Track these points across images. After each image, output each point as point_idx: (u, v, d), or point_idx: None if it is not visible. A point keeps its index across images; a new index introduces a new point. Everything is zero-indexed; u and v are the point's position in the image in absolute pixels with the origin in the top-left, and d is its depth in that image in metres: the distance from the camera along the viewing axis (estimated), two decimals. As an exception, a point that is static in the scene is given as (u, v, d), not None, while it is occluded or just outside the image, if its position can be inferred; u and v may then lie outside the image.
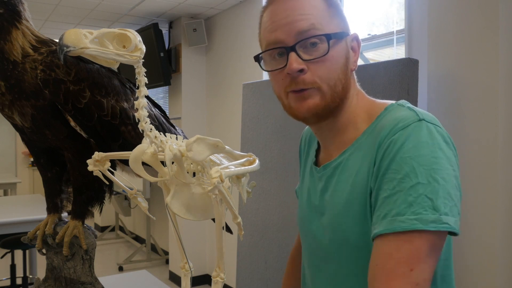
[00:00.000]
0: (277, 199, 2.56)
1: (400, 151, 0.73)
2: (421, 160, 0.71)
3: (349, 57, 0.86)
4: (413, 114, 0.77)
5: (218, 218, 0.86)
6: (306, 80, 0.82)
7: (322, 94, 0.83)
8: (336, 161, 0.88)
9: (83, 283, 1.18)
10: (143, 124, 0.83)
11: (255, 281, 2.67)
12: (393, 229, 0.70)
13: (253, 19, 3.64)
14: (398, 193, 0.72)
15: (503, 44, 1.81)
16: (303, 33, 0.81)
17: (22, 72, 1.05)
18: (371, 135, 0.83)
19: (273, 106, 2.63)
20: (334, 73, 0.82)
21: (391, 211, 0.72)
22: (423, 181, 0.70)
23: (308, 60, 0.81)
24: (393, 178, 0.73)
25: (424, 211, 0.69)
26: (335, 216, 0.85)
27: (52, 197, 1.23)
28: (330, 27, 0.82)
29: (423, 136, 0.73)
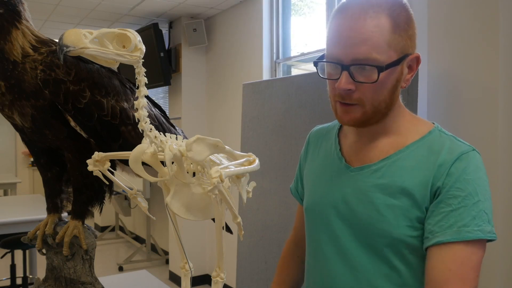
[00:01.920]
0: (277, 199, 2.56)
1: (463, 173, 0.86)
2: (479, 182, 0.86)
3: (401, 78, 0.91)
4: (464, 144, 0.91)
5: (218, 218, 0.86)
6: (352, 97, 0.89)
7: (365, 111, 0.90)
8: (377, 164, 0.94)
9: (83, 283, 1.18)
10: (143, 124, 0.83)
11: (255, 281, 2.67)
12: (461, 238, 0.83)
13: (253, 19, 3.64)
14: (462, 208, 0.84)
15: (503, 44, 1.81)
16: (359, 58, 0.85)
17: (22, 72, 1.05)
18: (419, 150, 0.91)
19: (273, 106, 2.63)
20: (380, 96, 0.89)
21: (457, 222, 0.84)
22: (482, 199, 0.85)
23: (358, 82, 0.87)
24: (458, 195, 0.85)
25: (484, 224, 0.84)
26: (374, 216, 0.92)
27: (52, 197, 1.23)
28: (388, 54, 0.86)
29: (478, 163, 0.88)
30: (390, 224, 0.89)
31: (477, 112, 2.01)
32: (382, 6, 0.86)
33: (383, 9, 0.86)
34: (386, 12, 0.86)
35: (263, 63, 3.54)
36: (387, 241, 0.90)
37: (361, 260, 0.94)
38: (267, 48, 3.55)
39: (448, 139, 0.91)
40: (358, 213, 0.94)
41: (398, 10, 0.87)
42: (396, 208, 0.89)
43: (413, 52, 0.91)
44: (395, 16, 0.86)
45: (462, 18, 2.07)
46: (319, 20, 3.25)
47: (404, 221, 0.88)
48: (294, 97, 2.50)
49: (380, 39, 0.85)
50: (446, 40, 2.13)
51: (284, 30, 3.52)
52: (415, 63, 0.92)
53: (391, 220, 0.89)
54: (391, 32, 0.85)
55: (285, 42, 3.53)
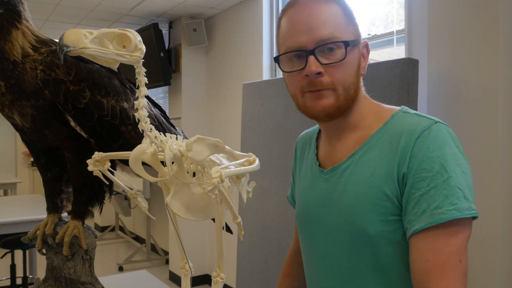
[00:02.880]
0: (277, 199, 2.56)
1: (427, 151, 0.81)
2: (446, 156, 0.80)
3: (360, 64, 0.92)
4: (426, 119, 0.85)
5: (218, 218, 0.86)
6: (323, 82, 0.88)
7: (337, 96, 0.89)
8: (345, 163, 0.93)
9: (83, 283, 1.18)
10: (143, 124, 0.83)
11: (255, 281, 2.67)
12: (436, 221, 0.77)
13: (253, 19, 3.64)
14: (433, 189, 0.79)
15: (503, 44, 1.81)
16: (323, 39, 0.86)
17: (22, 72, 1.05)
18: (382, 138, 0.89)
19: (273, 106, 2.63)
20: (349, 77, 0.89)
21: (430, 205, 0.78)
22: (452, 174, 0.79)
23: (326, 64, 0.87)
24: (425, 177, 0.80)
25: (459, 201, 0.78)
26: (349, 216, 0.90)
27: (52, 197, 1.23)
28: (347, 35, 0.88)
29: (442, 136, 0.82)
30: (365, 222, 0.86)
31: (477, 112, 2.01)
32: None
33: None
34: (336, 1, 0.90)
35: (263, 63, 3.54)
36: (365, 240, 0.87)
37: (344, 263, 0.91)
38: (267, 48, 3.55)
39: (411, 118, 0.88)
40: (335, 215, 0.92)
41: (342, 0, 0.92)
42: (368, 204, 0.86)
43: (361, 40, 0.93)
44: (342, 5, 0.91)
45: (462, 18, 2.07)
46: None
47: (377, 216, 0.85)
48: (294, 97, 2.49)
49: (337, 21, 0.88)
50: (446, 40, 2.13)
51: (284, 30, 3.52)
52: (366, 51, 0.94)
53: (365, 218, 0.86)
54: (343, 17, 0.89)
55: (285, 42, 3.52)
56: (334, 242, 0.93)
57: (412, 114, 0.89)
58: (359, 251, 0.89)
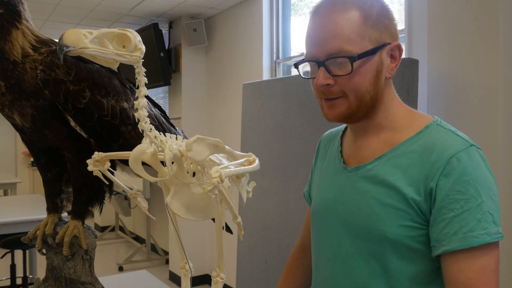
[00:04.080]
0: (277, 199, 2.56)
1: (463, 174, 0.82)
2: (480, 181, 0.82)
3: (382, 69, 0.90)
4: (462, 140, 0.86)
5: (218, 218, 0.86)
6: (333, 91, 0.90)
7: (349, 103, 0.90)
8: (371, 164, 0.93)
9: (83, 283, 1.18)
10: (143, 124, 0.83)
11: (255, 281, 2.67)
12: (469, 244, 0.81)
13: (253, 19, 3.64)
14: (466, 211, 0.81)
15: (503, 44, 1.81)
16: (332, 53, 0.87)
17: (22, 72, 1.05)
18: (413, 147, 0.89)
19: (273, 106, 2.63)
20: (361, 86, 0.89)
21: (462, 228, 0.81)
22: (485, 199, 0.82)
23: (336, 75, 0.88)
24: (459, 199, 0.82)
25: (489, 226, 0.81)
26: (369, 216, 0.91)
27: (52, 197, 1.23)
28: (361, 45, 0.87)
29: (478, 160, 0.84)
30: (385, 224, 0.87)
31: (477, 112, 2.01)
32: (352, 1, 0.89)
33: (352, 3, 0.89)
34: (356, 6, 0.88)
35: (263, 63, 3.54)
36: (383, 242, 0.88)
37: (358, 263, 0.92)
38: (267, 48, 3.55)
39: (445, 134, 0.89)
40: (354, 214, 0.93)
41: (369, 3, 0.90)
42: (390, 208, 0.87)
43: (393, 41, 0.91)
44: (366, 8, 0.88)
45: (462, 18, 2.07)
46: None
47: (398, 221, 0.87)
48: (294, 97, 2.50)
49: (351, 31, 0.87)
50: (446, 40, 2.13)
51: (284, 30, 3.53)
52: (396, 51, 0.92)
53: (385, 220, 0.88)
54: (362, 23, 0.87)
55: (285, 42, 3.53)
56: (348, 238, 0.94)
57: (446, 130, 0.90)
58: (373, 251, 0.90)
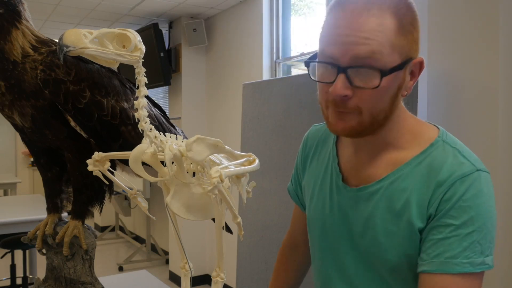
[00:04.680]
0: (277, 199, 2.56)
1: (460, 199, 0.77)
2: (478, 209, 0.77)
3: (402, 85, 0.81)
4: (469, 164, 0.80)
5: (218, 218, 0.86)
6: (348, 105, 0.79)
7: (361, 120, 0.80)
8: (374, 186, 0.86)
9: (83, 283, 1.18)
10: (143, 124, 0.83)
11: (255, 281, 2.67)
12: (447, 270, 0.77)
13: (253, 19, 3.64)
14: (454, 237, 0.77)
15: (503, 44, 1.81)
16: (359, 59, 0.75)
17: (22, 72, 1.05)
18: (418, 168, 0.82)
19: (273, 106, 2.63)
20: (381, 103, 0.80)
21: (445, 253, 0.77)
22: (478, 228, 0.77)
23: (357, 87, 0.77)
24: (450, 224, 0.78)
25: (475, 255, 0.77)
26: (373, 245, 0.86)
27: (52, 197, 1.23)
28: (392, 57, 0.76)
29: (481, 187, 0.78)
30: (389, 253, 0.84)
31: (477, 112, 2.01)
32: (388, 4, 0.77)
33: (388, 6, 0.76)
34: (392, 11, 0.76)
35: (263, 63, 3.54)
36: (388, 267, 0.85)
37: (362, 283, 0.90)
38: (267, 48, 3.55)
39: (452, 154, 0.81)
40: (358, 237, 0.89)
41: (404, 10, 0.78)
42: (395, 236, 0.83)
43: (417, 57, 0.82)
44: (400, 16, 0.77)
45: (462, 18, 2.07)
46: (319, 20, 3.25)
47: (403, 250, 0.83)
48: (294, 97, 2.50)
49: (384, 40, 0.75)
50: (446, 40, 2.13)
51: (284, 30, 3.53)
52: (418, 68, 0.82)
53: (390, 249, 0.83)
54: (396, 33, 0.76)
55: (285, 42, 3.53)
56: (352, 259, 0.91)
57: (452, 149, 0.82)
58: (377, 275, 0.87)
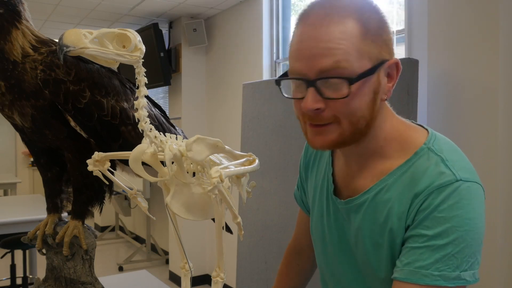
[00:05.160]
0: (277, 199, 2.56)
1: (436, 210, 0.74)
2: (455, 221, 0.73)
3: (379, 90, 0.78)
4: (450, 173, 0.75)
5: (218, 218, 0.86)
6: (324, 117, 0.77)
7: (341, 130, 0.78)
8: (360, 198, 0.85)
9: (83, 283, 1.18)
10: (143, 124, 0.83)
11: (255, 281, 2.67)
12: (415, 280, 0.74)
13: (253, 19, 3.64)
14: (425, 248, 0.74)
15: (503, 44, 1.81)
16: (325, 71, 0.73)
17: (22, 72, 1.05)
18: (401, 179, 0.80)
19: (273, 106, 2.63)
20: (357, 110, 0.77)
21: (416, 262, 0.75)
22: (453, 241, 0.73)
23: (328, 98, 0.75)
24: (424, 235, 0.75)
25: (448, 269, 0.73)
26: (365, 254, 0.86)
27: (52, 197, 1.23)
28: (360, 63, 0.74)
29: (460, 198, 0.74)
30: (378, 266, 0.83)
31: (477, 112, 2.01)
32: (349, 10, 0.75)
33: (349, 12, 0.74)
34: (354, 16, 0.74)
35: (263, 63, 3.54)
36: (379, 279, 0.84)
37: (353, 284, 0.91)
38: (267, 48, 3.55)
39: (434, 163, 0.78)
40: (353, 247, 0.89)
41: (368, 14, 0.76)
42: (383, 249, 0.82)
43: (391, 58, 0.79)
44: (364, 20, 0.74)
45: (462, 18, 2.07)
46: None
47: (390, 261, 0.81)
48: (294, 97, 2.49)
49: (349, 47, 0.73)
50: (446, 40, 2.13)
51: (284, 30, 3.53)
52: (394, 70, 0.80)
53: (378, 262, 0.83)
54: (362, 38, 0.74)
55: (285, 42, 3.53)
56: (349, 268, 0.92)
57: (437, 157, 0.78)
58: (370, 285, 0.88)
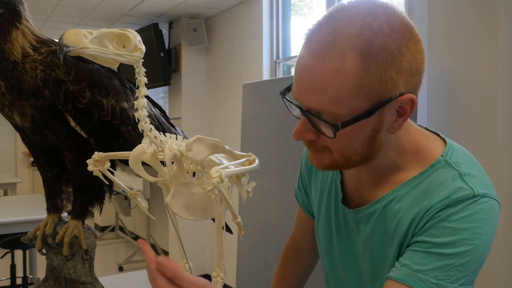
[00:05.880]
0: (277, 199, 2.56)
1: (446, 220, 0.71)
2: (466, 234, 0.70)
3: (381, 128, 0.71)
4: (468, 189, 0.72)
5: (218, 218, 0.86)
6: (317, 145, 0.75)
7: (334, 159, 0.75)
8: (370, 208, 0.83)
9: (83, 283, 1.18)
10: (143, 124, 0.83)
11: (255, 281, 2.67)
12: (410, 283, 0.71)
13: (253, 19, 3.64)
14: (429, 253, 0.71)
15: (503, 44, 1.81)
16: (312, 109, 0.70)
17: (22, 72, 1.05)
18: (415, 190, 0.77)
19: (273, 106, 2.63)
20: (349, 148, 0.73)
21: (415, 265, 0.72)
22: (459, 253, 0.70)
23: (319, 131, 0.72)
24: (428, 242, 0.72)
25: (446, 279, 0.70)
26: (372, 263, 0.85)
27: (52, 197, 1.23)
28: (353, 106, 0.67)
29: (475, 211, 0.71)
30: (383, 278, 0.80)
31: (477, 112, 2.01)
32: (353, 39, 0.65)
33: (353, 44, 0.65)
34: (358, 48, 0.64)
35: (263, 63, 3.54)
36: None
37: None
38: (267, 48, 3.55)
39: (451, 177, 0.74)
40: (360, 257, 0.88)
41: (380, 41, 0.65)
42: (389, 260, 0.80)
43: (405, 92, 0.69)
44: (371, 53, 0.65)
45: (462, 18, 2.07)
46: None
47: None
48: (294, 97, 2.49)
49: (341, 89, 0.66)
50: (446, 40, 2.13)
51: (284, 30, 3.53)
52: (408, 106, 0.71)
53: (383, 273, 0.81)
54: (361, 76, 0.65)
55: (285, 42, 3.53)
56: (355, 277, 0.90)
57: (454, 171, 0.75)
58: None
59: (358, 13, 0.67)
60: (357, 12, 0.67)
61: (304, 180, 1.08)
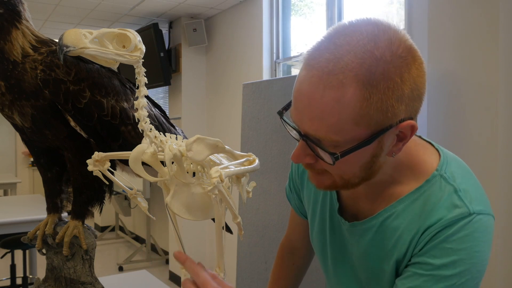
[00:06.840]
0: (277, 199, 2.56)
1: (446, 241, 0.72)
2: (464, 253, 0.72)
3: (380, 153, 0.71)
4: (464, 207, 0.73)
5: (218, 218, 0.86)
6: (316, 167, 0.75)
7: (334, 181, 0.76)
8: (366, 223, 0.83)
9: (83, 283, 1.18)
10: (143, 124, 0.83)
11: (255, 281, 2.67)
12: None
13: (253, 19, 3.64)
14: (431, 276, 0.73)
15: (503, 44, 1.81)
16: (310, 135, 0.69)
17: (22, 72, 1.05)
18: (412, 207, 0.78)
19: (273, 106, 2.63)
20: (348, 173, 0.74)
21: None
22: (459, 273, 0.72)
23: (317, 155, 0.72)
24: (430, 263, 0.73)
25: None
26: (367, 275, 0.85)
27: (52, 197, 1.23)
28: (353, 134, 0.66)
29: (472, 230, 0.72)
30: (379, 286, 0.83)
31: (477, 112, 2.01)
32: (355, 67, 0.63)
33: (355, 72, 0.63)
34: (359, 77, 0.63)
35: (263, 63, 3.54)
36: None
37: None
38: (267, 48, 3.55)
39: (447, 193, 0.75)
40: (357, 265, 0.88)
41: (381, 68, 0.63)
42: (386, 273, 0.81)
43: (406, 118, 0.68)
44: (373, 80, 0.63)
45: (462, 18, 2.07)
46: (319, 20, 3.25)
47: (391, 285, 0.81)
48: (294, 97, 2.49)
49: (341, 119, 0.65)
50: (446, 40, 2.13)
51: (284, 30, 3.53)
52: (409, 131, 0.70)
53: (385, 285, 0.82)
54: (362, 105, 0.64)
55: (285, 42, 3.53)
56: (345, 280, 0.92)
57: (449, 186, 0.75)
58: None
59: (360, 39, 0.65)
60: (358, 37, 0.65)
61: (296, 183, 1.07)
